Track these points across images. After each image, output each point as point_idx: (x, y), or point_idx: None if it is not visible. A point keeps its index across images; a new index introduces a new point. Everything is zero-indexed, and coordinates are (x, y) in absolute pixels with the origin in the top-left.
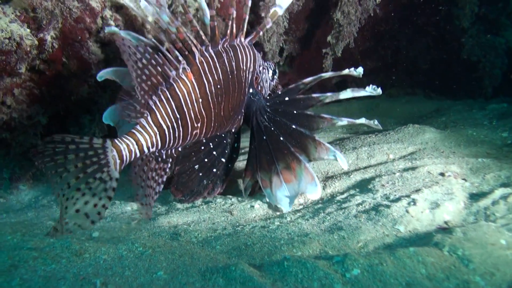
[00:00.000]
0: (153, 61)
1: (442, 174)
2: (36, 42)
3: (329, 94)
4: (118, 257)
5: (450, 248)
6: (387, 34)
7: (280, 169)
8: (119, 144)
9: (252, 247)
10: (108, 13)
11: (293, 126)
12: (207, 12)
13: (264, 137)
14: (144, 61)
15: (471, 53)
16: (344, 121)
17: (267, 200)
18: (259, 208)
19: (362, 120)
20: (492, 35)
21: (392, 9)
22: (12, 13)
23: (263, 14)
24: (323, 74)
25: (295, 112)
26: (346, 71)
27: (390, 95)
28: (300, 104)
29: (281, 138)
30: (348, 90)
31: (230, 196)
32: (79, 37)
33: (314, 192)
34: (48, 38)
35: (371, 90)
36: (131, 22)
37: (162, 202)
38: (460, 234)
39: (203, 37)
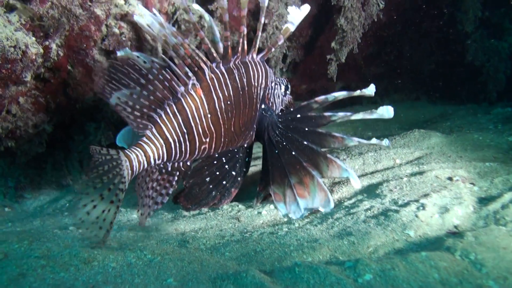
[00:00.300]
0: (160, 77)
1: (450, 179)
2: (42, 50)
3: (340, 114)
4: (127, 264)
5: (462, 252)
6: (390, 39)
7: (294, 183)
8: (130, 154)
9: (262, 253)
10: (112, 21)
11: (305, 142)
12: (216, 32)
13: (276, 151)
14: (150, 76)
15: (475, 57)
16: (354, 142)
17: (279, 211)
18: (266, 215)
19: (373, 141)
20: (496, 40)
21: (395, 14)
22: (18, 22)
23: (266, 21)
24: (336, 95)
25: (306, 129)
26: (358, 92)
27: (394, 100)
28: (311, 121)
29: (293, 153)
30: (360, 113)
31: (237, 203)
32: (84, 45)
33: (327, 208)
34: (54, 46)
35: (382, 112)
36: (135, 30)
37: (168, 210)
38: (472, 238)
39: (215, 55)
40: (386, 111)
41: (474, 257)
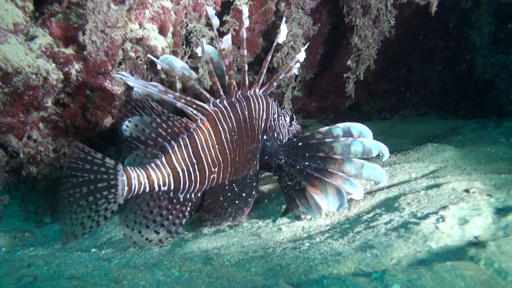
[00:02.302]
0: (172, 117)
1: (466, 191)
2: (62, 76)
3: (342, 140)
4: (156, 282)
5: (486, 261)
6: (399, 56)
7: (305, 185)
8: (130, 172)
9: (287, 267)
10: (128, 45)
11: (306, 163)
12: (223, 66)
13: (286, 169)
14: (164, 117)
15: (484, 72)
16: (354, 163)
17: (306, 213)
18: (286, 231)
19: (375, 166)
20: (503, 54)
21: (404, 31)
22: (38, 49)
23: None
24: (341, 126)
25: (307, 154)
26: (362, 139)
27: (403, 116)
28: (312, 148)
29: (298, 167)
30: (361, 139)
31: (256, 220)
32: (103, 69)
33: (343, 202)
34: (73, 71)
35: (380, 149)
36: (151, 52)
37: (189, 229)
38: (494, 248)
39: (221, 92)
40: (385, 152)
41: (499, 265)
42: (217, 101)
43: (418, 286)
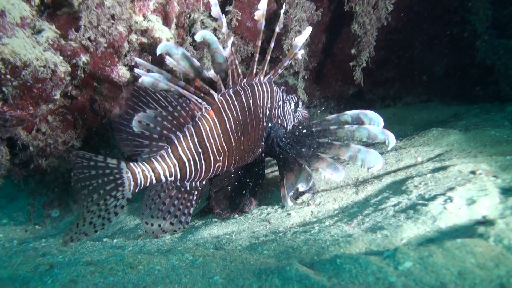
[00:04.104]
0: (184, 105)
1: (473, 172)
2: (69, 69)
3: (346, 127)
4: (172, 267)
5: (495, 238)
6: (401, 43)
7: (285, 173)
8: (134, 167)
9: (299, 249)
10: (133, 37)
11: (303, 150)
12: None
13: (281, 157)
14: (173, 104)
15: (486, 57)
16: (351, 148)
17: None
18: (295, 216)
19: (372, 151)
20: (505, 39)
21: (405, 18)
22: (45, 42)
23: (285, 28)
24: (349, 113)
25: (308, 140)
26: (367, 126)
27: (407, 103)
28: (315, 135)
29: (291, 155)
30: (366, 125)
31: (265, 206)
32: (109, 61)
33: (308, 184)
34: (80, 64)
35: (386, 137)
36: (156, 45)
37: (199, 217)
38: (503, 225)
39: (230, 82)
40: (391, 139)
41: (508, 242)
42: (224, 90)
43: (430, 263)
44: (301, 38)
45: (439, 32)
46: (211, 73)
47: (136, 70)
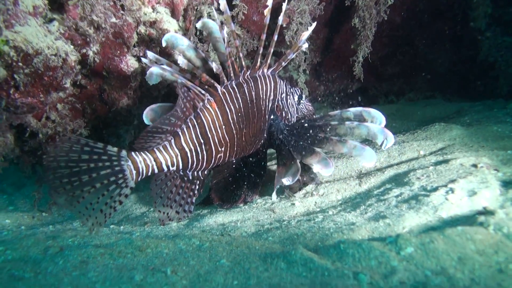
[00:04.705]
0: (188, 97)
1: (474, 166)
2: (80, 58)
3: (347, 123)
4: (179, 250)
5: (495, 226)
6: (404, 39)
7: (279, 166)
8: (135, 157)
9: (304, 236)
10: (142, 28)
11: (300, 143)
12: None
13: (279, 149)
14: (184, 99)
15: (488, 54)
16: (348, 145)
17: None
18: (299, 206)
19: (367, 148)
20: (508, 37)
21: (409, 15)
22: (57, 31)
23: (287, 21)
24: (352, 110)
25: (308, 134)
26: (368, 124)
27: (410, 99)
28: (316, 129)
29: (289, 149)
30: (366, 124)
31: (269, 197)
32: (118, 52)
33: (294, 178)
34: (91, 53)
35: (385, 137)
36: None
37: (203, 207)
38: (503, 215)
39: (231, 73)
40: (389, 139)
41: (507, 230)
42: (227, 82)
43: (431, 249)
44: (306, 32)
45: (443, 29)
46: (213, 65)
47: (143, 59)
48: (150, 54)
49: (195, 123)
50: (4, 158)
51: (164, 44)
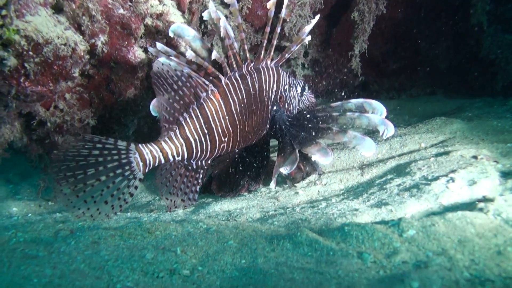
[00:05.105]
0: (187, 84)
1: (474, 157)
2: (89, 48)
3: (348, 114)
4: (187, 233)
5: (494, 212)
6: (406, 36)
7: (279, 156)
8: (142, 149)
9: (308, 221)
10: (149, 20)
11: (302, 134)
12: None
13: (281, 139)
14: (179, 83)
15: (489, 51)
16: (348, 135)
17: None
18: (303, 194)
19: (367, 138)
20: (509, 34)
21: (411, 11)
22: (66, 21)
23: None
24: (353, 101)
25: (310, 125)
26: (368, 115)
27: (411, 95)
28: (317, 120)
29: (289, 139)
30: (367, 115)
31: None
32: (126, 42)
33: (291, 167)
34: (99, 43)
35: (386, 127)
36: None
37: (208, 195)
38: (502, 202)
39: (233, 64)
40: (390, 129)
41: (506, 216)
42: (230, 74)
43: (432, 231)
44: (309, 25)
45: (445, 26)
46: (215, 54)
47: (150, 49)
48: (159, 45)
49: (199, 114)
50: (9, 147)
51: (171, 35)
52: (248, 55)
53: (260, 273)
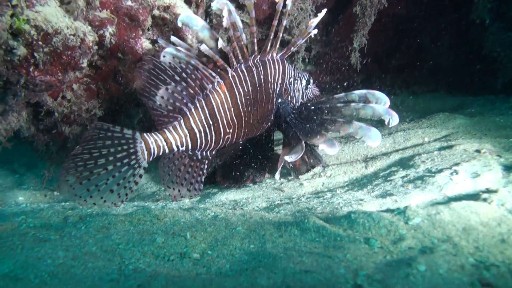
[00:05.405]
0: (193, 76)
1: (478, 151)
2: (97, 38)
3: (353, 105)
4: (195, 219)
5: (498, 202)
6: (410, 33)
7: (284, 148)
8: (147, 138)
9: (314, 209)
10: (156, 12)
11: (307, 126)
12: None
13: (285, 131)
14: (183, 74)
15: (492, 49)
16: (353, 125)
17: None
18: (308, 186)
19: (373, 129)
20: None
21: (414, 8)
22: (75, 12)
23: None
24: (356, 92)
25: (315, 117)
26: (372, 105)
27: (414, 92)
28: (322, 111)
29: (295, 130)
30: (372, 105)
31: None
32: (134, 34)
33: (296, 155)
34: (107, 34)
35: (390, 116)
36: (175, 24)
37: (213, 186)
38: (506, 192)
39: (239, 56)
40: (394, 118)
41: (510, 206)
42: (237, 65)
43: (437, 220)
44: (316, 19)
45: (448, 23)
46: (220, 43)
47: (159, 40)
48: (173, 38)
49: (204, 105)
50: (14, 137)
51: (179, 24)
52: (256, 47)
53: (269, 256)
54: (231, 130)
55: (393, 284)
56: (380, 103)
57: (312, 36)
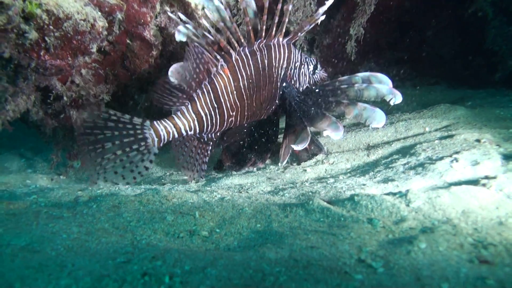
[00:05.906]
0: (202, 60)
1: (478, 141)
2: (107, 24)
3: (356, 86)
4: (203, 200)
5: (497, 187)
6: (412, 26)
7: (288, 133)
8: (157, 125)
9: (319, 192)
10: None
11: (312, 109)
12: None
13: (289, 116)
14: (197, 60)
15: (494, 43)
16: (358, 106)
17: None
18: (311, 172)
19: (376, 109)
20: None
21: (418, 0)
22: None
23: None
24: (360, 75)
25: (319, 99)
26: (376, 85)
27: (415, 84)
28: (326, 93)
29: (299, 115)
30: (375, 84)
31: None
32: (142, 20)
33: (303, 144)
34: (117, 20)
35: (392, 94)
36: (184, 8)
37: (217, 171)
38: (504, 178)
39: (242, 40)
40: (398, 97)
41: (508, 191)
42: (240, 49)
43: (438, 203)
44: (324, 6)
45: (450, 16)
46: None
47: (170, 15)
48: (181, 15)
49: (210, 89)
50: (22, 121)
51: (192, 4)
52: (263, 33)
53: (276, 234)
54: (234, 113)
55: (395, 260)
56: (382, 84)
57: (319, 22)
